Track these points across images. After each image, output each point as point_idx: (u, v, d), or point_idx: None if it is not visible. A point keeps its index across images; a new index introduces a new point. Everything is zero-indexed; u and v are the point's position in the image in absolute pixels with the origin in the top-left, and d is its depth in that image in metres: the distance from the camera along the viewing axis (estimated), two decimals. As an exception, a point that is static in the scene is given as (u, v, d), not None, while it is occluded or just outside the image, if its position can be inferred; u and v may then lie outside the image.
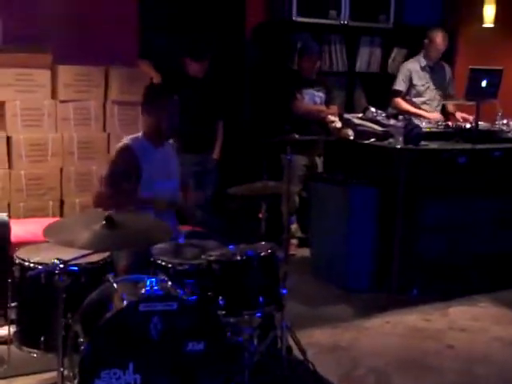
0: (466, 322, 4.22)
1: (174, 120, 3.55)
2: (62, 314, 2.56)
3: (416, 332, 4.04)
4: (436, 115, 5.67)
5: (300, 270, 4.72)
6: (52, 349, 2.72)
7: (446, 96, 5.90)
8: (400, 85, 5.76)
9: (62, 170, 4.83)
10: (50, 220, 3.62)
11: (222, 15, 5.70)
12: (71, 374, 2.63)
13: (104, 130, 4.96)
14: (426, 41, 5.72)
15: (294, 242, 5.59)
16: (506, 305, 4.48)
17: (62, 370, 2.57)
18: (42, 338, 2.81)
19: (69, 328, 2.66)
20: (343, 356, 3.65)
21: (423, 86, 5.77)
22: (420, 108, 5.77)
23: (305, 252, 5.31)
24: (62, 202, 4.84)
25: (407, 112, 5.60)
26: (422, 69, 5.76)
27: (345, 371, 3.48)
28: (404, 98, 5.77)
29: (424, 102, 5.78)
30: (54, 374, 2.70)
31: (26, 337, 2.88)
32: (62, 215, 4.80)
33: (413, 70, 5.75)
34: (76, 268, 2.78)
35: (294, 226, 5.58)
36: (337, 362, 3.55)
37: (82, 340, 2.53)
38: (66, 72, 4.78)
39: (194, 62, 5.09)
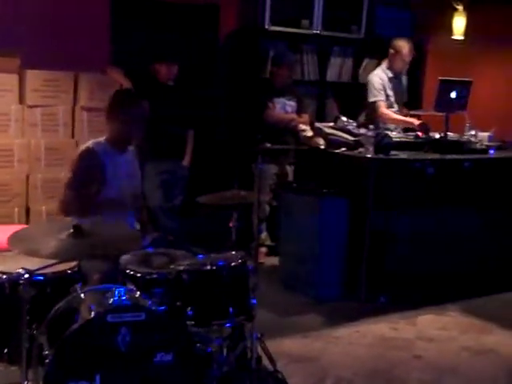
0: (434, 331, 4.24)
1: (140, 127, 3.52)
2: (27, 326, 2.50)
3: (384, 341, 4.05)
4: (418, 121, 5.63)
5: (269, 279, 4.71)
6: (16, 361, 2.65)
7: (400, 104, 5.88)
8: (380, 94, 5.54)
9: (28, 176, 4.76)
10: (13, 227, 3.55)
11: (196, 22, 5.68)
12: (35, 387, 2.57)
13: (72, 136, 4.91)
14: (391, 51, 5.54)
15: (263, 250, 5.57)
16: (475, 314, 4.51)
17: (26, 382, 2.50)
18: (6, 350, 2.73)
19: (33, 340, 2.60)
20: (313, 366, 3.64)
21: (392, 96, 5.74)
22: None
23: (274, 261, 5.30)
24: (27, 209, 4.77)
25: (397, 121, 5.55)
26: (390, 80, 5.65)
27: (314, 382, 3.46)
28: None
29: (395, 112, 5.75)
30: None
31: (-11, 348, 2.80)
32: (27, 222, 4.72)
33: (384, 80, 5.65)
34: (41, 278, 2.72)
35: (263, 235, 5.57)
36: (306, 373, 3.54)
37: (47, 352, 2.47)
38: (34, 77, 4.73)
39: (161, 64, 5.04)
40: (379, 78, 5.62)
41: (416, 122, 5.56)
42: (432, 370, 3.68)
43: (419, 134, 5.36)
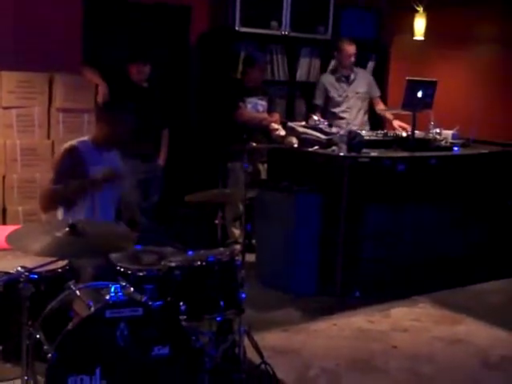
0: (407, 322, 4.39)
1: (126, 131, 3.62)
2: (26, 323, 2.54)
3: (361, 333, 4.18)
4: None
5: (246, 275, 4.77)
6: (11, 358, 2.70)
7: (372, 98, 6.08)
8: (317, 99, 5.96)
9: (4, 177, 4.75)
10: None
11: (167, 24, 5.74)
12: (32, 382, 2.61)
13: (48, 137, 4.91)
14: (335, 53, 5.93)
15: (237, 247, 5.65)
16: (444, 305, 4.68)
17: (26, 378, 2.54)
18: (1, 348, 2.76)
19: (29, 336, 2.64)
20: (296, 358, 3.75)
21: (340, 96, 5.93)
22: (340, 118, 5.91)
23: (249, 258, 5.36)
24: (4, 210, 4.76)
25: None
26: (338, 79, 5.93)
27: (299, 372, 3.57)
28: (322, 112, 5.89)
29: (343, 110, 5.94)
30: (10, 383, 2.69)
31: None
32: (4, 223, 4.71)
33: (327, 83, 5.93)
34: (36, 276, 2.76)
35: (237, 232, 5.65)
36: (291, 364, 3.64)
37: (47, 347, 2.52)
38: (8, 78, 4.72)
39: (133, 65, 5.09)
40: (322, 81, 6.00)
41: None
42: (409, 359, 3.82)
43: (387, 131, 5.59)
